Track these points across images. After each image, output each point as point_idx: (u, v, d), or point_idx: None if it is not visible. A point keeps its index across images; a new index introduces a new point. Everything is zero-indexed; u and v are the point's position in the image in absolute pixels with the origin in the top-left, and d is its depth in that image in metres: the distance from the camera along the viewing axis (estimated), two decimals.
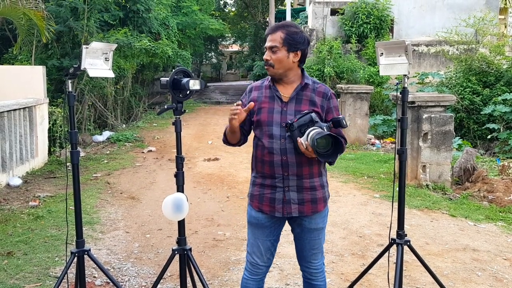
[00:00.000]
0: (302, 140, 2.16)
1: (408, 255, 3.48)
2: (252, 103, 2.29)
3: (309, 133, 2.14)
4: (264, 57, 2.33)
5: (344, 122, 2.24)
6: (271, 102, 2.34)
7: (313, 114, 2.22)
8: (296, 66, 2.34)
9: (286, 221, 2.45)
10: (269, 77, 2.41)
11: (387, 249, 2.85)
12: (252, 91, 2.43)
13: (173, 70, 2.38)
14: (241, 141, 2.47)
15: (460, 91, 10.60)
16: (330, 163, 2.35)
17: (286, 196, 2.31)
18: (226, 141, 2.48)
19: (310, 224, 2.39)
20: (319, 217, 2.40)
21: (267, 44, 2.32)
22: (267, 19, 23.47)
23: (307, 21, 17.03)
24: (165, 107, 2.38)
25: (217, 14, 27.32)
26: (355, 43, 14.09)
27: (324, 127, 2.18)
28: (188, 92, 2.38)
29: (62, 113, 8.32)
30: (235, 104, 2.28)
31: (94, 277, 3.56)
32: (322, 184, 2.38)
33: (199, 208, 5.39)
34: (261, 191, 2.37)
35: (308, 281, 2.52)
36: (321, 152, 2.12)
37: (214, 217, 5.08)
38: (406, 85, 2.76)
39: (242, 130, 2.42)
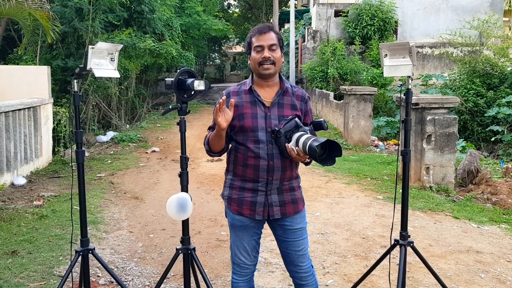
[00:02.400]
0: (291, 146, 2.17)
1: (411, 257, 3.48)
2: (232, 100, 2.20)
3: (298, 139, 2.16)
4: (265, 55, 2.27)
5: (325, 125, 2.31)
6: (253, 107, 2.32)
7: (297, 120, 2.25)
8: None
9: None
10: (247, 81, 2.39)
11: (390, 250, 2.85)
12: (230, 97, 2.37)
13: (178, 70, 2.38)
14: (224, 149, 2.40)
15: (464, 93, 10.57)
16: (307, 164, 2.41)
17: (269, 200, 2.33)
18: (210, 150, 2.40)
19: (292, 225, 2.39)
20: (299, 217, 2.42)
21: (267, 42, 2.27)
22: (271, 20, 23.49)
23: (310, 23, 17.03)
24: (170, 107, 2.38)
25: (221, 15, 27.38)
26: (359, 44, 14.08)
27: (308, 131, 2.22)
28: (193, 93, 2.39)
29: (67, 113, 8.36)
30: (218, 102, 2.18)
31: (98, 276, 3.57)
32: (298, 184, 2.44)
33: (202, 208, 5.41)
34: (241, 194, 2.36)
35: (299, 286, 2.50)
36: (320, 158, 2.14)
37: (217, 217, 5.09)
38: (410, 87, 2.77)
39: (226, 136, 2.35)
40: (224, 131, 2.25)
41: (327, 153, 2.14)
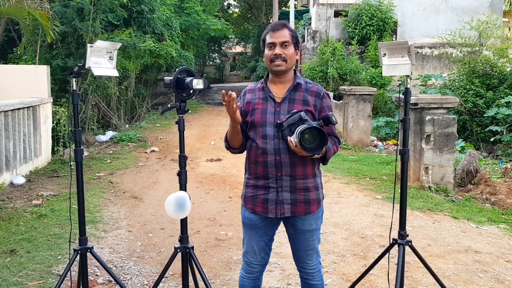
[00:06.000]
0: (291, 138, 2.17)
1: (409, 256, 3.48)
2: (232, 93, 2.13)
3: (297, 131, 2.16)
4: (276, 52, 2.30)
5: (334, 119, 2.24)
6: (264, 103, 2.35)
7: (302, 113, 2.23)
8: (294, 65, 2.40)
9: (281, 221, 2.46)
10: (262, 80, 2.43)
11: (388, 249, 2.85)
12: (246, 94, 2.45)
13: (177, 70, 2.39)
14: (243, 145, 2.44)
15: (463, 93, 10.58)
16: (323, 163, 2.38)
17: (280, 197, 2.32)
18: (229, 146, 2.47)
19: (303, 225, 2.39)
20: (312, 218, 2.39)
21: (278, 39, 2.31)
22: (271, 21, 23.50)
23: (310, 23, 17.04)
24: (169, 106, 2.39)
25: (221, 15, 27.38)
26: (358, 44, 14.08)
27: (314, 125, 2.19)
28: (191, 91, 2.39)
29: (66, 113, 8.36)
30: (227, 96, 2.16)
31: (97, 275, 3.57)
32: (316, 185, 2.38)
33: (201, 208, 5.41)
34: (255, 192, 2.37)
35: (305, 281, 2.53)
36: (307, 146, 2.14)
37: (216, 217, 5.09)
38: (408, 86, 2.77)
39: (243, 132, 2.40)
40: (237, 124, 2.29)
41: (319, 143, 2.14)
